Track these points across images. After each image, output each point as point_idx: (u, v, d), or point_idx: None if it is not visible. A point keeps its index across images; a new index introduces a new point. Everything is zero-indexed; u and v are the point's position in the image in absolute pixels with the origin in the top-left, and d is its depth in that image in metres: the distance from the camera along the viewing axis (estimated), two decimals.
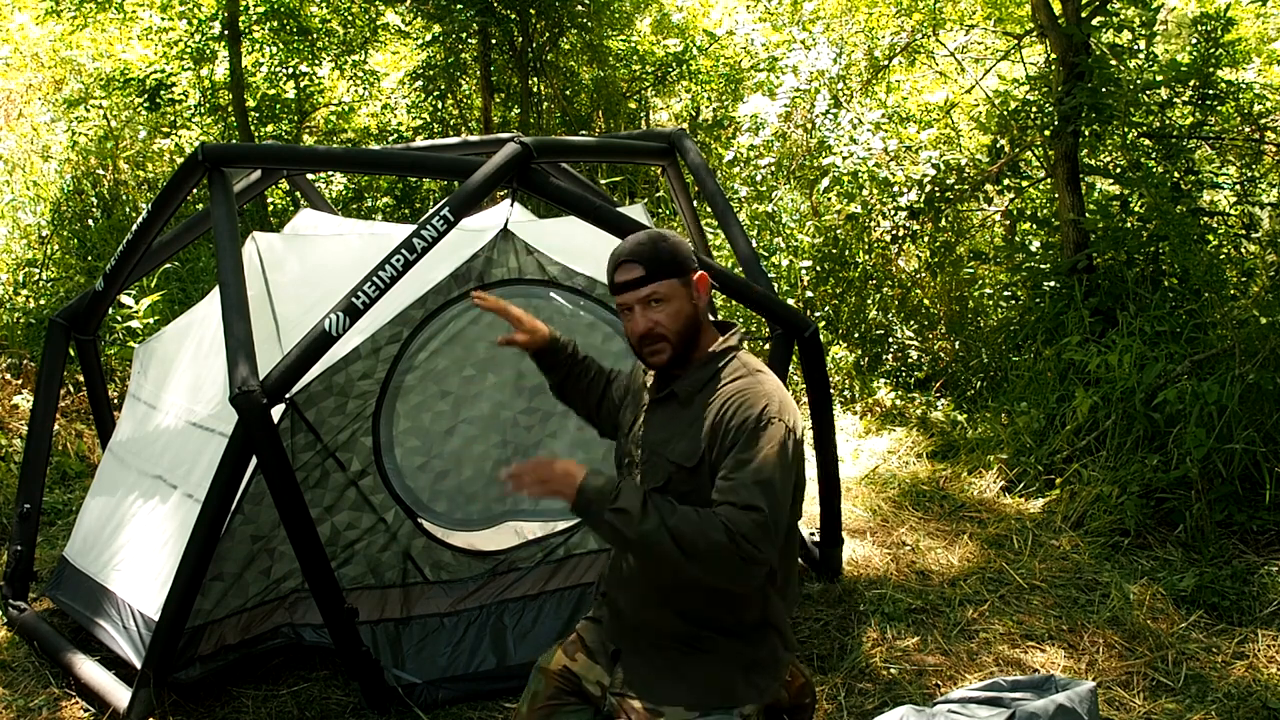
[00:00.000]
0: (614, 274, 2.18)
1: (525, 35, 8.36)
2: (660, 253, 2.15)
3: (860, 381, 6.02)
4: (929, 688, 3.13)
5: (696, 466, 2.11)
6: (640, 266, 2.14)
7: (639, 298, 2.14)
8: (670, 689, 2.13)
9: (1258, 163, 5.69)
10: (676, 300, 2.15)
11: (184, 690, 2.98)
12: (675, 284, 2.15)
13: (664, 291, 2.14)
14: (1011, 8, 7.35)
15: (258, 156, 3.69)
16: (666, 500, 2.01)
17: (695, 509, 1.98)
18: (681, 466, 2.13)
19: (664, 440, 2.19)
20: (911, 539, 4.21)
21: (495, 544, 3.36)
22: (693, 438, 2.13)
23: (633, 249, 2.17)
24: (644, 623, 2.20)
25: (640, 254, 2.15)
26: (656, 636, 2.19)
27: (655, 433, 2.22)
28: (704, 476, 2.10)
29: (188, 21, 8.67)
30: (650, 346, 2.15)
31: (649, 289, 2.14)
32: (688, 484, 2.12)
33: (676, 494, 2.12)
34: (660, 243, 2.17)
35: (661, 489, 2.14)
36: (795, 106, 7.01)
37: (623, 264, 2.16)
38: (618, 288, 2.17)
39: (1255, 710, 3.00)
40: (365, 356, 3.04)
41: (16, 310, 6.03)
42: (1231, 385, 4.19)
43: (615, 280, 2.18)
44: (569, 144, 4.60)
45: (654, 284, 2.14)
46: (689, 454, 2.12)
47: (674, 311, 2.15)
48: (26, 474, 3.63)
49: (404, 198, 8.72)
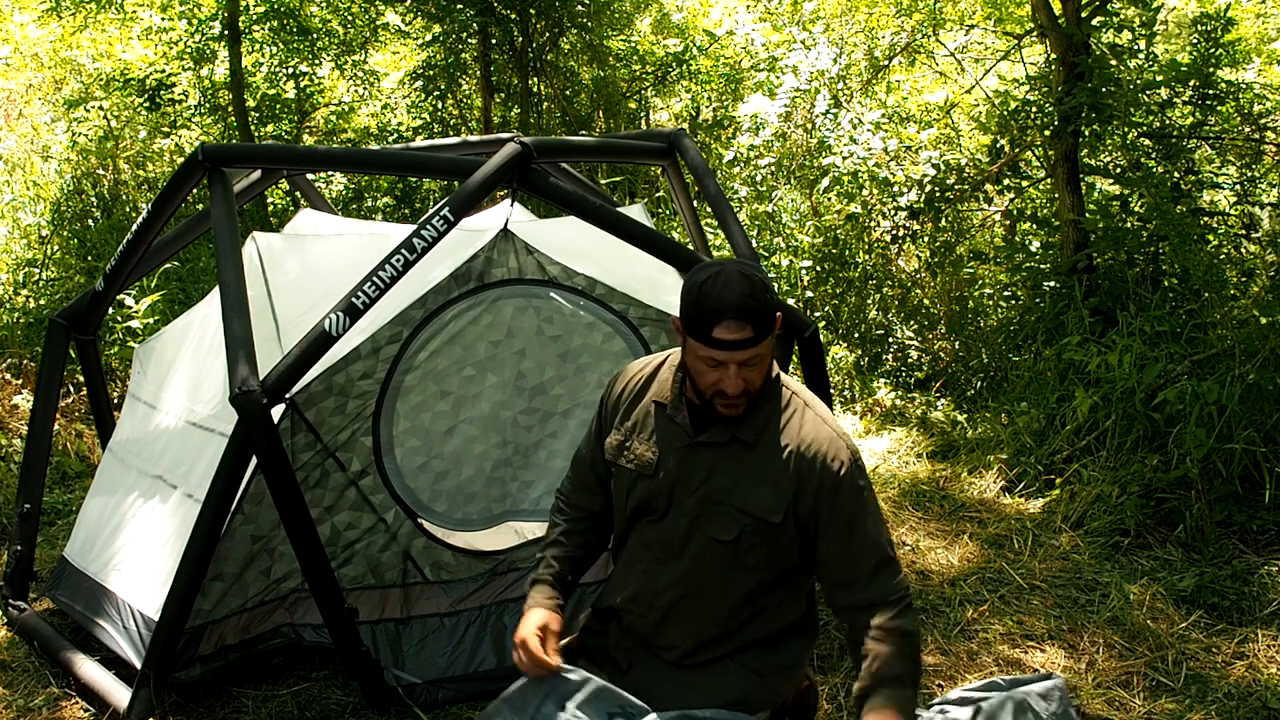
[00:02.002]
0: (714, 328, 1.91)
1: (525, 35, 8.35)
2: (768, 308, 1.93)
3: (860, 381, 6.02)
4: (929, 688, 3.13)
5: (782, 523, 2.02)
6: (751, 327, 1.91)
7: (740, 359, 1.93)
8: (687, 697, 2.10)
9: (1258, 163, 5.69)
10: (769, 355, 2.00)
11: (184, 690, 2.98)
12: (770, 340, 1.97)
13: (764, 352, 1.96)
14: (1011, 8, 7.35)
15: (258, 156, 3.69)
16: (897, 665, 1.95)
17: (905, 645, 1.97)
18: (760, 520, 2.02)
19: (730, 488, 2.04)
20: (911, 539, 4.21)
21: (495, 544, 3.36)
22: (774, 487, 2.01)
23: (742, 303, 1.90)
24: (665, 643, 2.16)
25: (751, 312, 1.91)
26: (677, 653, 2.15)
27: (716, 479, 2.05)
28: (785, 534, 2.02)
29: (188, 21, 8.66)
30: (733, 403, 1.99)
31: (754, 351, 1.93)
32: (764, 536, 2.03)
33: (749, 545, 2.04)
34: (765, 294, 1.94)
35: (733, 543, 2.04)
36: (795, 106, 7.01)
37: (730, 320, 1.90)
38: (719, 344, 1.91)
39: (1255, 710, 3.00)
40: (365, 356, 3.04)
41: (16, 310, 6.03)
42: (1231, 385, 4.19)
43: (716, 336, 1.91)
44: (569, 144, 4.60)
45: (760, 346, 1.94)
46: (773, 508, 2.01)
47: (765, 369, 1.99)
48: (26, 474, 3.63)
49: (404, 198, 8.71)
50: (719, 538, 2.04)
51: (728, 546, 2.05)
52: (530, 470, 3.32)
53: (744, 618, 2.13)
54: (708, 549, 2.07)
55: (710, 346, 1.92)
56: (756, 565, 2.08)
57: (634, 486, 2.15)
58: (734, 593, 2.11)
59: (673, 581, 2.13)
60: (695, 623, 2.13)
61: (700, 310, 1.92)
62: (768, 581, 2.11)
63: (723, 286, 1.92)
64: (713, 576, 2.10)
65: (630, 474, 2.15)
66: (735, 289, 1.91)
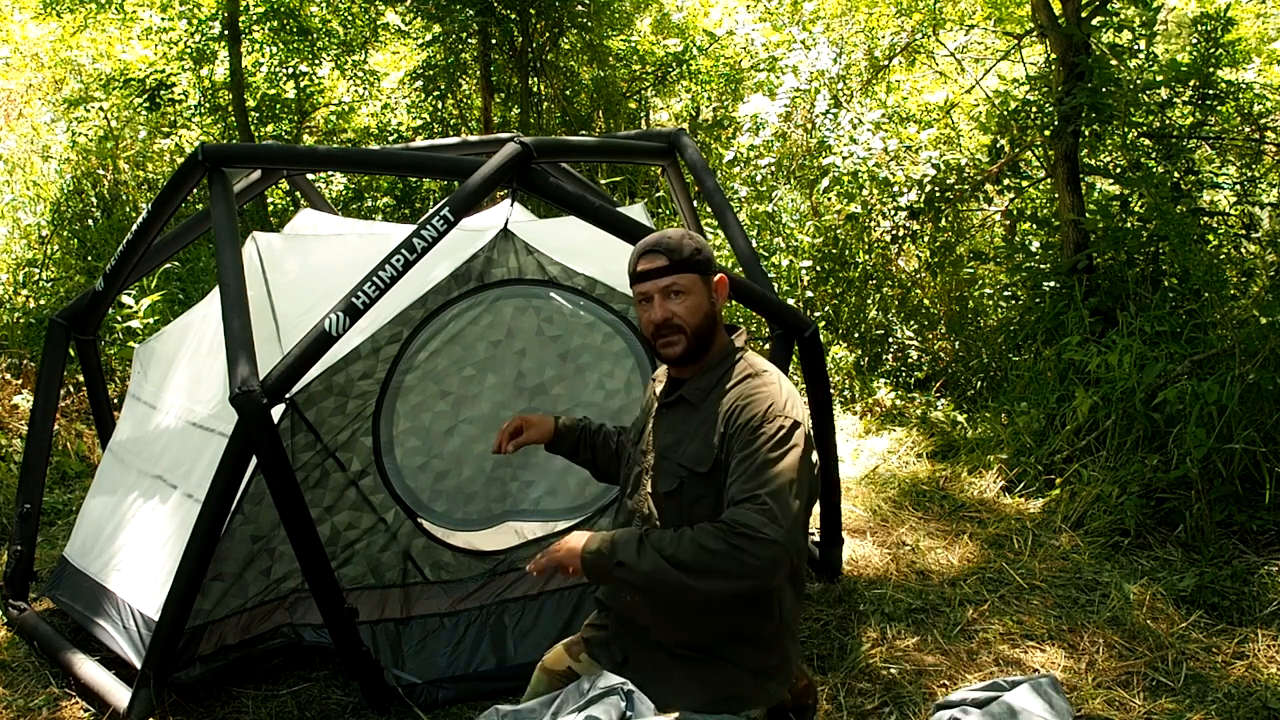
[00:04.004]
0: (636, 262, 2.20)
1: (525, 35, 8.36)
2: (684, 247, 2.17)
3: (860, 381, 6.02)
4: (929, 688, 3.13)
5: (710, 471, 2.12)
6: (664, 256, 2.16)
7: (659, 287, 2.16)
8: (678, 693, 2.13)
9: (1258, 163, 5.69)
10: (696, 295, 2.17)
11: (184, 690, 2.98)
12: (696, 279, 2.17)
13: (685, 284, 2.16)
14: (1011, 8, 7.35)
15: (258, 156, 3.69)
16: (663, 532, 2.03)
17: (688, 529, 2.00)
18: (694, 471, 2.14)
19: (674, 444, 2.20)
20: (911, 539, 4.21)
21: (495, 544, 3.36)
22: (704, 440, 2.14)
23: (658, 239, 2.20)
24: (657, 638, 2.20)
25: (665, 245, 2.18)
26: (670, 648, 2.18)
27: (665, 437, 2.23)
28: (718, 480, 2.11)
29: (188, 21, 8.67)
30: (667, 337, 2.17)
31: (670, 279, 2.16)
32: (701, 488, 2.13)
33: (690, 498, 2.13)
34: (685, 239, 2.19)
35: (674, 493, 2.15)
36: (795, 106, 7.01)
37: (647, 253, 2.19)
38: (639, 276, 2.19)
39: (1255, 710, 3.00)
40: (365, 356, 3.04)
41: (16, 310, 6.03)
42: (1231, 385, 4.19)
43: (637, 269, 2.19)
44: (569, 144, 4.60)
45: (675, 275, 2.16)
46: (701, 458, 2.13)
47: (693, 305, 2.17)
48: (26, 474, 3.63)
49: (404, 198, 8.72)
50: (662, 490, 2.18)
51: (672, 500, 2.17)
52: (530, 470, 3.32)
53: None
54: (658, 505, 2.20)
55: (636, 282, 2.20)
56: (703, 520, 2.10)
57: (629, 456, 2.37)
58: None
59: None
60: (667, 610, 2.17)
61: (631, 258, 2.23)
62: None
63: (645, 237, 2.24)
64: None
65: (626, 448, 2.40)
66: (657, 233, 2.24)
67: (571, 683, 2.21)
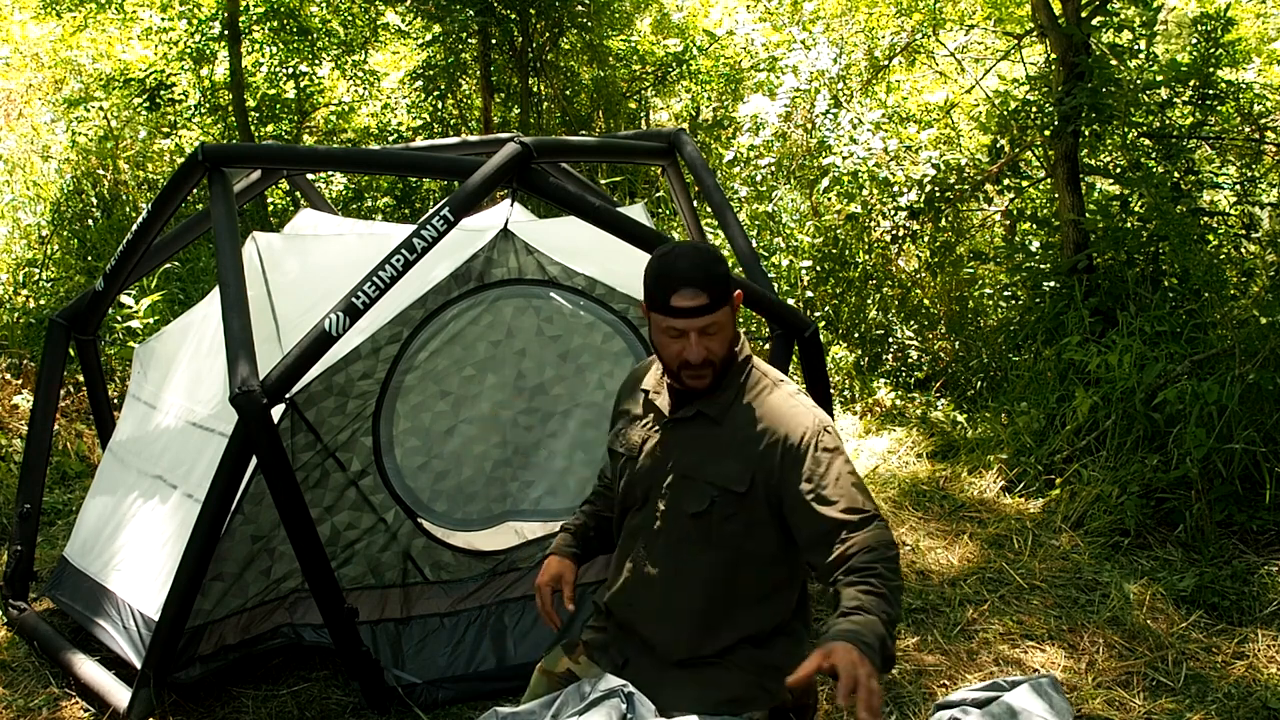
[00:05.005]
0: (671, 297, 2.02)
1: (525, 35, 8.35)
2: (720, 278, 2.03)
3: (860, 381, 6.02)
4: (929, 688, 3.13)
5: (748, 491, 2.06)
6: (704, 294, 2.01)
7: (698, 327, 2.02)
8: (680, 696, 2.11)
9: (1258, 163, 5.69)
10: (728, 326, 2.07)
11: (184, 690, 2.98)
12: (728, 309, 2.06)
13: (721, 320, 2.04)
14: (1011, 8, 7.35)
15: (258, 156, 3.69)
16: (876, 600, 1.88)
17: (877, 586, 1.89)
18: (729, 490, 2.07)
19: (698, 463, 2.12)
20: (911, 539, 4.21)
21: (495, 544, 3.36)
22: (740, 459, 2.07)
23: (692, 272, 2.02)
24: (661, 642, 2.18)
25: (703, 279, 2.01)
26: (673, 652, 2.16)
27: (685, 454, 2.14)
28: (756, 500, 2.06)
29: (188, 21, 8.67)
30: (698, 373, 2.07)
31: (710, 319, 2.02)
32: (735, 507, 2.08)
33: (721, 517, 2.08)
34: (718, 265, 2.05)
35: (704, 513, 2.09)
36: (795, 106, 7.01)
37: (685, 288, 2.01)
38: (676, 312, 2.02)
39: (1255, 710, 3.00)
40: (365, 356, 3.04)
41: (16, 310, 6.03)
42: (1231, 385, 4.19)
43: (674, 304, 2.02)
44: (569, 144, 4.60)
45: (716, 313, 2.03)
46: (737, 477, 2.07)
47: (724, 337, 2.07)
48: (26, 474, 3.63)
49: (404, 198, 8.71)
50: (690, 510, 2.11)
51: (700, 520, 2.11)
52: (530, 470, 3.32)
53: (729, 605, 2.14)
54: (681, 525, 2.13)
55: (670, 316, 2.03)
56: (733, 541, 2.10)
57: (624, 471, 2.24)
58: (715, 574, 2.13)
59: (655, 566, 2.16)
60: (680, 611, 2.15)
61: (658, 282, 2.05)
62: (748, 564, 2.13)
63: (676, 258, 2.05)
64: (691, 556, 2.13)
65: (621, 458, 2.26)
66: (688, 260, 2.04)
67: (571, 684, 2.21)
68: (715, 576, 2.14)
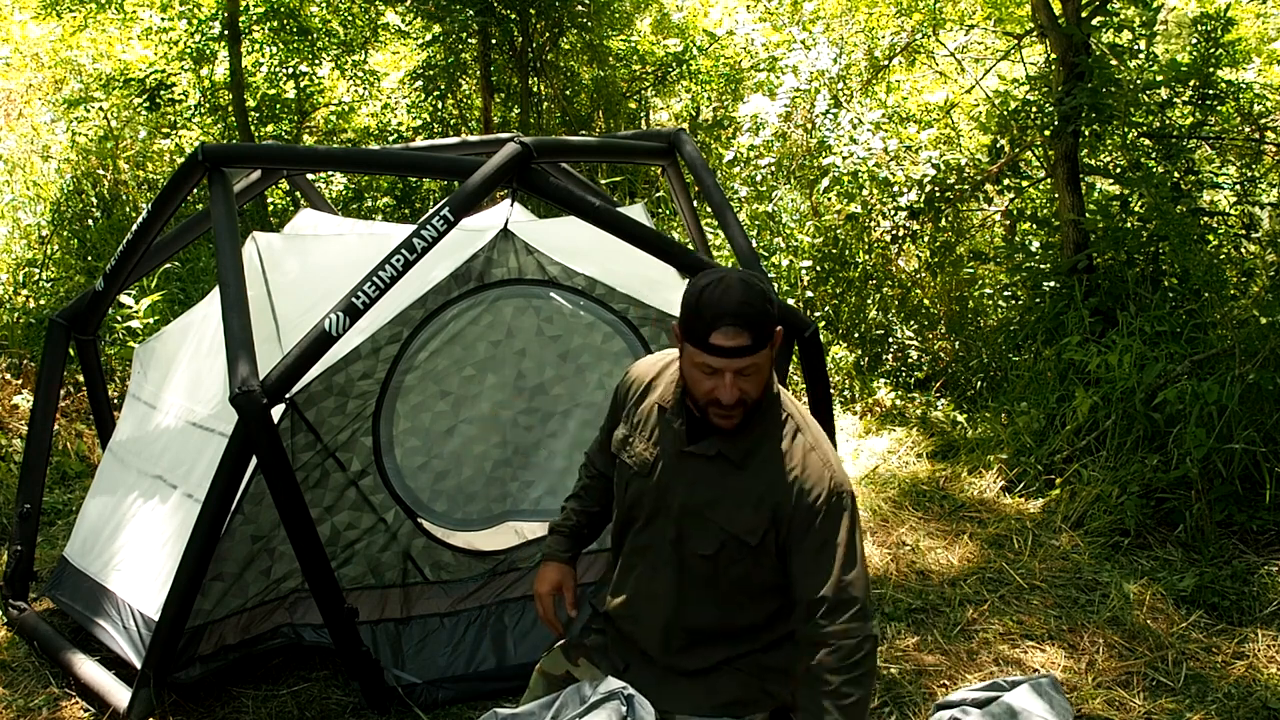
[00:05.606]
0: (711, 334, 1.87)
1: (525, 35, 8.35)
2: (767, 317, 1.89)
3: (860, 381, 6.02)
4: (929, 688, 3.13)
5: (760, 544, 2.01)
6: (748, 334, 1.87)
7: (736, 367, 1.89)
8: (681, 699, 2.11)
9: (1258, 163, 5.69)
10: (766, 367, 1.95)
11: (184, 690, 2.98)
12: (768, 351, 1.93)
13: (761, 362, 1.91)
14: (1011, 8, 7.35)
15: (258, 156, 3.69)
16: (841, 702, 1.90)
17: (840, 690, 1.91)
18: (741, 541, 2.01)
19: (711, 503, 2.03)
20: (911, 539, 4.21)
21: (495, 544, 3.36)
22: (755, 509, 2.00)
23: (737, 310, 1.87)
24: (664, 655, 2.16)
25: (749, 319, 1.87)
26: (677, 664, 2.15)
27: (698, 491, 2.05)
28: (765, 555, 2.02)
29: (188, 21, 8.66)
30: (728, 413, 1.95)
31: (750, 360, 1.89)
32: (740, 554, 2.03)
33: (727, 562, 2.04)
34: (765, 303, 1.90)
35: (713, 556, 2.04)
36: (795, 106, 7.01)
37: (727, 326, 1.87)
38: (715, 350, 1.88)
39: (1255, 710, 3.00)
40: (365, 356, 3.04)
41: (16, 310, 6.02)
42: (1231, 385, 4.19)
43: (713, 342, 1.87)
44: (569, 144, 4.60)
45: (756, 355, 1.90)
46: (751, 529, 2.01)
47: (762, 379, 1.95)
48: (26, 474, 3.63)
49: (404, 198, 8.71)
50: (700, 552, 2.05)
51: (708, 561, 2.06)
52: (530, 470, 3.32)
53: (736, 624, 2.13)
54: (690, 561, 2.09)
55: (707, 353, 1.89)
56: (739, 580, 2.08)
57: (630, 484, 2.16)
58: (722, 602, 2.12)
59: (663, 591, 2.13)
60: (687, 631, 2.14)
61: (699, 315, 1.90)
62: (755, 595, 2.11)
63: (723, 293, 1.89)
64: (698, 588, 2.11)
65: (629, 470, 2.17)
66: (735, 295, 1.88)
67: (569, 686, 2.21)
68: (722, 602, 2.12)
